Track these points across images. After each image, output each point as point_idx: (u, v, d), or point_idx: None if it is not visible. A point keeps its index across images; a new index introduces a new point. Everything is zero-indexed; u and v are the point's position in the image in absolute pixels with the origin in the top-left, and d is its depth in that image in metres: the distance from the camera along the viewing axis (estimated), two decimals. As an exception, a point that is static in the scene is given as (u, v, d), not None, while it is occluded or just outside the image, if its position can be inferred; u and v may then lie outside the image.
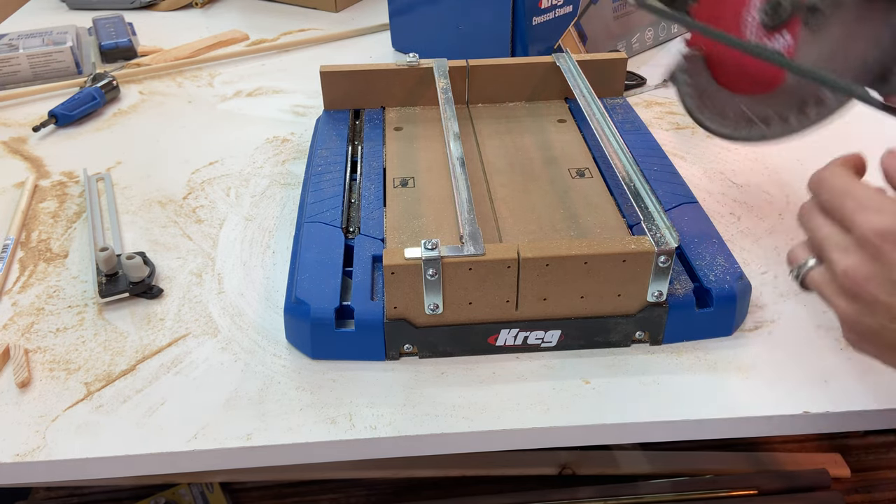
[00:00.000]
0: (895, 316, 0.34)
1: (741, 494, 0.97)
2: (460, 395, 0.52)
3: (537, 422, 0.50)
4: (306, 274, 0.56)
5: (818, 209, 0.41)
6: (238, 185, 0.77)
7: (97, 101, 0.92)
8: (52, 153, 0.84)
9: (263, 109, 0.93)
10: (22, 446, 0.49)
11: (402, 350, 0.55)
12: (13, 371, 0.54)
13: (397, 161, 0.70)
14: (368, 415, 0.51)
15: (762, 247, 0.67)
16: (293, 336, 0.56)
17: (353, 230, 0.61)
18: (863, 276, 0.35)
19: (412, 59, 0.77)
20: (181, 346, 0.57)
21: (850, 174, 0.41)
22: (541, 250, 0.51)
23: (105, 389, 0.53)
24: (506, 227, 0.60)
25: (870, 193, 0.38)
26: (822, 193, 0.41)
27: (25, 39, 1.03)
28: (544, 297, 0.53)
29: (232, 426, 0.50)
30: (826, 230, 0.40)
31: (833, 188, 0.40)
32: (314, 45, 1.13)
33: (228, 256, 0.66)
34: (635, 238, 0.52)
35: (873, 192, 0.38)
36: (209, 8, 1.30)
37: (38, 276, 0.64)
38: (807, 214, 0.42)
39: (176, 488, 0.97)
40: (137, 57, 1.08)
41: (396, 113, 0.79)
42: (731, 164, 0.80)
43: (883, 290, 0.35)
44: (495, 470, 0.97)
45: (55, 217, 0.72)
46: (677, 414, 0.51)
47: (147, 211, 0.73)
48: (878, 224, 0.36)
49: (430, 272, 0.51)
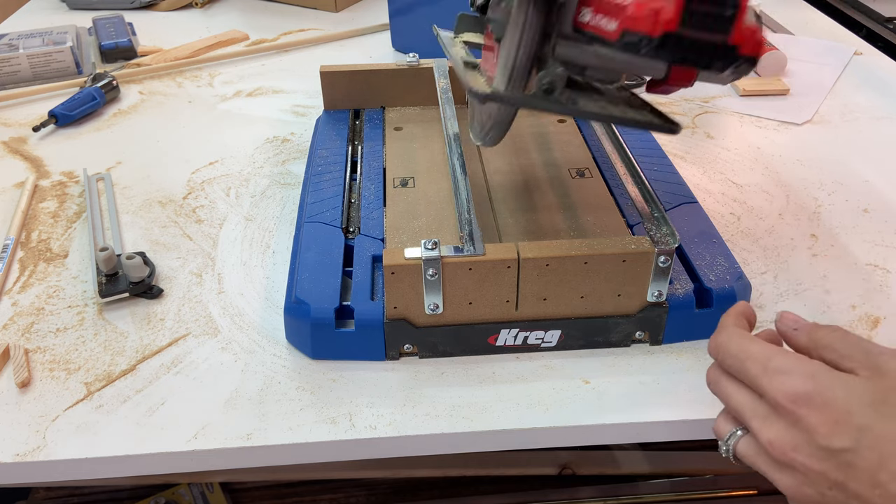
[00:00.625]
0: (833, 483, 0.33)
1: (741, 494, 0.97)
2: (460, 395, 0.52)
3: (537, 422, 0.50)
4: (306, 274, 0.56)
5: (725, 375, 0.40)
6: (238, 185, 0.77)
7: (97, 101, 0.92)
8: (52, 153, 0.84)
9: (263, 109, 0.93)
10: (22, 446, 0.49)
11: (402, 350, 0.55)
12: (13, 371, 0.54)
13: (397, 161, 0.70)
14: (368, 415, 0.51)
15: (762, 247, 0.67)
16: (293, 336, 0.56)
17: (352, 230, 0.61)
18: (789, 445, 0.34)
19: (412, 59, 0.77)
20: (181, 346, 0.57)
21: (744, 334, 0.39)
22: (541, 250, 0.51)
23: (105, 389, 0.53)
24: (506, 227, 0.60)
25: (770, 353, 0.36)
26: (724, 360, 0.39)
27: (25, 39, 1.03)
28: (544, 297, 0.53)
29: (232, 426, 0.50)
30: (739, 397, 0.38)
31: (732, 354, 0.38)
32: (314, 45, 1.13)
33: (228, 256, 0.66)
34: (635, 238, 0.52)
35: (774, 352, 0.36)
36: (209, 8, 1.30)
37: (38, 276, 0.64)
38: (715, 382, 0.40)
39: (176, 488, 0.97)
40: (137, 57, 1.08)
41: (396, 113, 0.79)
42: (731, 164, 0.80)
43: (814, 459, 0.33)
44: (495, 470, 0.97)
45: (55, 217, 0.72)
46: (677, 414, 0.51)
47: (147, 211, 0.73)
48: (788, 388, 0.34)
49: (430, 272, 0.51)
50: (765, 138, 0.85)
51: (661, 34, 0.38)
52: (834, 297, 0.61)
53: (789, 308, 0.60)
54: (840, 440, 0.31)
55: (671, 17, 0.37)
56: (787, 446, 0.34)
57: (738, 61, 0.40)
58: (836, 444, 0.32)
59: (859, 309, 0.60)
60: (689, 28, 0.38)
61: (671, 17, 0.37)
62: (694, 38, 0.38)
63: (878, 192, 0.75)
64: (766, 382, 0.35)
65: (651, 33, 0.38)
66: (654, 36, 0.38)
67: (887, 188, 0.75)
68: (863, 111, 0.90)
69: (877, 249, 0.67)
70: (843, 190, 0.75)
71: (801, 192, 0.75)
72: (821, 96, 0.94)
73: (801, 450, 0.33)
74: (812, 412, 0.32)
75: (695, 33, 0.38)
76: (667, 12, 0.37)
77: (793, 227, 0.70)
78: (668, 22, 0.37)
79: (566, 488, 0.97)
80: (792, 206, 0.73)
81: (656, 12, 0.38)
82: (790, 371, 0.34)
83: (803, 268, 0.64)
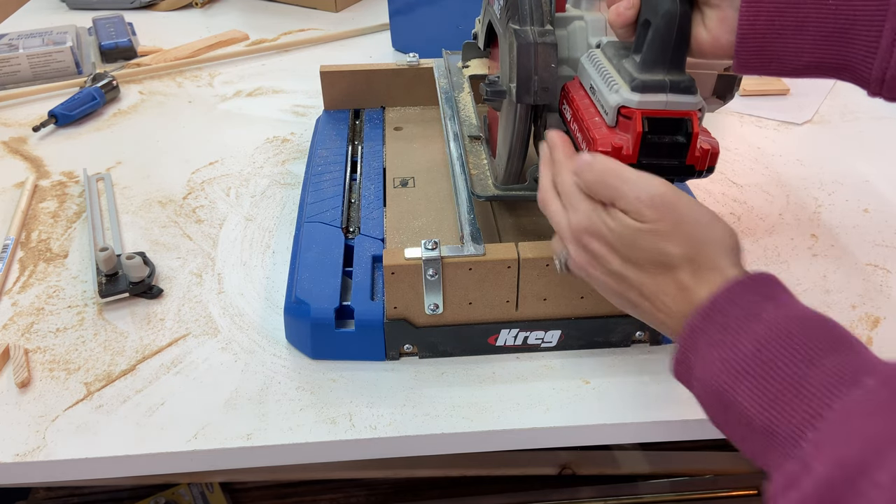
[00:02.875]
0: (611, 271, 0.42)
1: (741, 494, 0.97)
2: (460, 395, 0.52)
3: (537, 422, 0.50)
4: (306, 274, 0.56)
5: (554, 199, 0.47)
6: (238, 185, 0.77)
7: (97, 101, 0.92)
8: (52, 153, 0.84)
9: (263, 109, 0.93)
10: (22, 446, 0.49)
11: (402, 350, 0.55)
12: (13, 371, 0.54)
13: (397, 161, 0.70)
14: (368, 415, 0.51)
15: (762, 247, 0.67)
16: (293, 336, 0.56)
17: (352, 230, 0.61)
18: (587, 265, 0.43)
19: (412, 59, 0.77)
20: (181, 346, 0.57)
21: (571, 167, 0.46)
22: (541, 250, 0.51)
23: (105, 389, 0.53)
24: (505, 227, 0.60)
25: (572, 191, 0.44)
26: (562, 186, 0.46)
27: (25, 39, 1.03)
28: (544, 297, 0.53)
29: (232, 426, 0.50)
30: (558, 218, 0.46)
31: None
32: (314, 45, 1.13)
33: (228, 256, 0.66)
34: (635, 238, 0.52)
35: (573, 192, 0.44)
36: (209, 8, 1.30)
37: (38, 276, 0.64)
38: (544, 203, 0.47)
39: (176, 488, 0.97)
40: (137, 57, 1.08)
41: (396, 113, 0.79)
42: (732, 164, 0.80)
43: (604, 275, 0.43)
44: (495, 470, 0.97)
45: (55, 217, 0.72)
46: (677, 414, 0.51)
47: (147, 211, 0.73)
48: (575, 222, 0.43)
49: (430, 272, 0.51)
50: (765, 138, 0.85)
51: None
52: (834, 297, 0.61)
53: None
54: (612, 264, 0.41)
55: (630, 152, 0.44)
56: (579, 261, 0.44)
57: (695, 175, 0.45)
58: (611, 266, 0.42)
59: (859, 309, 0.60)
60: (648, 157, 0.44)
61: (631, 153, 0.44)
62: (654, 164, 0.44)
63: (878, 192, 0.75)
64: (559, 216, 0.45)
65: None
66: None
67: (887, 188, 0.75)
68: (863, 111, 0.90)
69: (877, 249, 0.67)
70: (843, 190, 0.75)
71: (801, 192, 0.75)
72: (821, 96, 0.94)
73: (590, 266, 0.43)
74: (592, 241, 0.42)
75: (654, 160, 0.44)
76: (627, 149, 0.44)
77: (793, 227, 0.70)
78: (628, 157, 0.44)
79: (566, 488, 0.97)
80: (792, 206, 0.73)
81: (618, 149, 0.44)
82: (577, 207, 0.43)
83: (803, 268, 0.64)
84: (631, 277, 0.41)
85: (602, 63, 0.48)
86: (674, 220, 0.39)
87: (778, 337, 0.34)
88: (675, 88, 0.44)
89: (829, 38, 0.41)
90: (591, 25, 0.52)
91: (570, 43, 0.53)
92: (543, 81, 0.49)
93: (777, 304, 0.36)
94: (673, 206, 0.40)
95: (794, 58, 0.42)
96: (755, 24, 0.41)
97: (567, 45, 0.52)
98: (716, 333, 0.36)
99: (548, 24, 0.50)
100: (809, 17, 0.40)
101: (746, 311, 0.35)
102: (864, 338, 0.57)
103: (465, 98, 0.68)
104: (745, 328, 0.35)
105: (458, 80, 0.69)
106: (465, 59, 0.70)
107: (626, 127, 0.44)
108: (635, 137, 0.43)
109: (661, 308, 0.40)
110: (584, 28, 0.52)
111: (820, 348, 0.33)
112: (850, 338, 0.34)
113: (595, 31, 0.52)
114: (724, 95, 0.53)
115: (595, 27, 0.52)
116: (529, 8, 0.50)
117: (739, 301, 0.36)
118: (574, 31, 0.53)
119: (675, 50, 0.44)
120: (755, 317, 0.35)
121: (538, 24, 0.50)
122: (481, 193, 0.56)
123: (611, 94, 0.45)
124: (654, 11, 0.44)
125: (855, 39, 0.40)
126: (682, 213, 0.40)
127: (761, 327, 0.34)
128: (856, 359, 0.33)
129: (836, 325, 0.35)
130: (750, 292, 0.36)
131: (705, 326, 0.36)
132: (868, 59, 0.40)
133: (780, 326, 0.34)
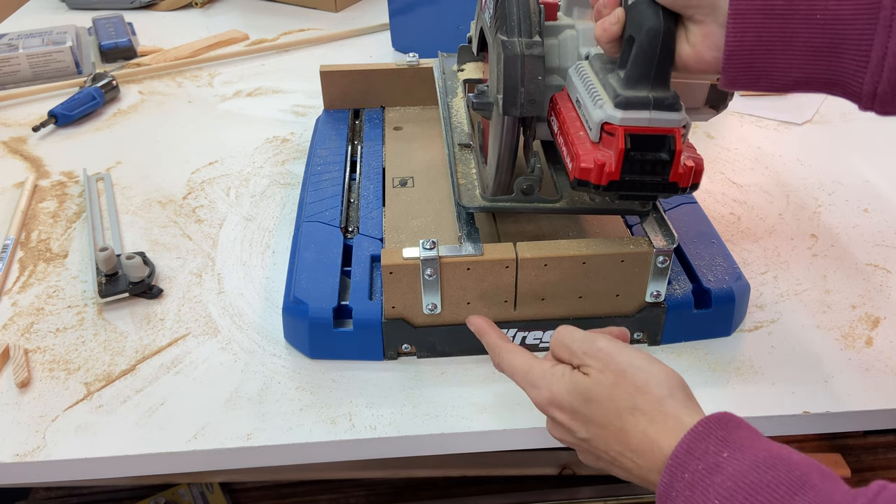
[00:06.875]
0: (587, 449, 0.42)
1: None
2: (460, 395, 0.52)
3: (537, 422, 0.50)
4: (305, 273, 0.56)
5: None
6: (238, 185, 0.77)
7: (97, 101, 0.92)
8: (52, 153, 0.84)
9: (263, 109, 0.93)
10: (22, 446, 0.49)
11: (401, 350, 0.55)
12: (13, 371, 0.54)
13: (397, 161, 0.70)
14: (368, 415, 0.51)
15: (762, 247, 0.67)
16: (291, 336, 0.56)
17: (351, 230, 0.61)
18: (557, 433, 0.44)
19: (412, 59, 0.77)
20: (181, 346, 0.57)
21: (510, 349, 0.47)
22: (539, 250, 0.51)
23: (105, 389, 0.53)
24: (504, 227, 0.60)
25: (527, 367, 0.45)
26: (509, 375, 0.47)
27: (25, 39, 1.03)
28: (543, 298, 0.53)
29: (232, 426, 0.50)
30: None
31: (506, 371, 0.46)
32: (314, 45, 1.13)
33: (228, 256, 0.66)
34: (634, 238, 0.52)
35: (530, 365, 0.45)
36: (209, 8, 1.30)
37: (37, 276, 0.64)
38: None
39: (176, 488, 0.97)
40: (137, 57, 1.08)
41: (396, 113, 0.79)
42: (732, 164, 0.80)
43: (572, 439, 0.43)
44: (495, 470, 0.97)
45: (55, 217, 0.72)
46: (676, 414, 0.51)
47: (147, 211, 0.73)
48: (537, 399, 0.43)
49: (428, 272, 0.51)
50: (765, 138, 0.85)
51: (606, 182, 0.45)
52: (834, 297, 0.61)
53: (789, 308, 0.60)
54: (580, 432, 0.41)
55: (613, 169, 0.44)
56: (557, 434, 0.44)
57: (678, 192, 0.46)
58: (579, 434, 0.42)
59: (859, 309, 0.60)
60: (631, 174, 0.45)
61: (613, 171, 0.44)
62: (636, 181, 0.45)
63: (878, 192, 0.75)
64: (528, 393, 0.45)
65: (598, 182, 0.45)
66: (601, 184, 0.45)
67: (887, 188, 0.75)
68: (860, 115, 0.90)
69: (877, 249, 0.67)
70: (843, 190, 0.75)
71: (801, 192, 0.75)
72: (821, 96, 0.94)
73: (565, 435, 0.43)
74: (557, 412, 0.42)
75: (637, 177, 0.44)
76: (609, 165, 0.44)
77: (793, 227, 0.70)
78: (610, 174, 0.44)
79: (566, 488, 0.97)
80: (792, 206, 0.73)
81: (601, 166, 0.44)
82: (537, 385, 0.43)
83: (803, 268, 0.64)
84: (597, 441, 0.41)
85: (588, 76, 0.47)
86: (616, 370, 0.40)
87: (741, 489, 0.34)
88: (659, 105, 0.43)
89: (819, 53, 0.40)
90: (583, 35, 0.52)
91: (560, 52, 0.52)
92: (530, 94, 0.48)
93: (734, 449, 0.36)
94: (612, 356, 0.41)
95: (783, 74, 0.41)
96: (742, 40, 0.40)
97: (557, 55, 0.52)
98: (685, 490, 0.36)
99: (536, 36, 0.50)
100: (798, 33, 0.40)
101: (707, 464, 0.36)
102: (864, 338, 0.57)
103: (458, 103, 0.68)
104: (710, 483, 0.35)
105: (453, 85, 0.69)
106: (461, 62, 0.70)
107: (609, 143, 0.44)
108: (618, 154, 0.43)
109: (637, 465, 0.39)
110: (575, 37, 0.52)
111: (781, 495, 0.33)
112: (809, 474, 0.34)
113: (586, 41, 0.51)
114: (718, 105, 0.53)
115: (586, 37, 0.51)
116: (518, 19, 0.50)
117: (697, 453, 0.36)
118: (565, 40, 0.52)
119: (659, 66, 0.44)
120: (717, 468, 0.35)
121: (526, 35, 0.49)
122: (468, 205, 0.55)
123: (595, 109, 0.45)
124: (637, 28, 0.43)
125: (845, 54, 0.39)
126: (622, 361, 0.40)
127: (723, 479, 0.35)
128: (816, 497, 0.33)
129: (795, 464, 0.35)
130: (706, 440, 0.36)
131: (673, 483, 0.36)
132: (859, 74, 0.40)
133: (740, 478, 0.34)
